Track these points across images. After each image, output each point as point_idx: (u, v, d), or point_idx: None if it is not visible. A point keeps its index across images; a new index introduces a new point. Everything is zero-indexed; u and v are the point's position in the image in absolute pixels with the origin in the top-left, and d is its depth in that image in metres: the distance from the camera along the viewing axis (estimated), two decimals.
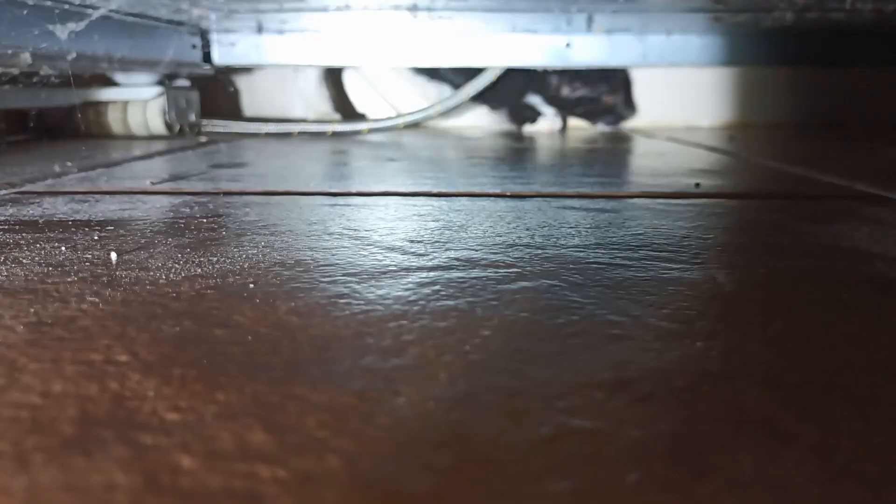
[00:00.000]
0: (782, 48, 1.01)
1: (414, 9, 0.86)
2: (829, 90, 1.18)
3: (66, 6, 0.84)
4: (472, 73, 1.13)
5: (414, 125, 1.24)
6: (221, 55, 1.20)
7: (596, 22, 0.96)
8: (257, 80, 1.48)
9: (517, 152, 0.95)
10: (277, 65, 1.18)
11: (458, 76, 1.17)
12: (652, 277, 0.34)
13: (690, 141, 1.15)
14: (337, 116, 1.38)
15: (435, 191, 0.60)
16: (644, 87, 1.32)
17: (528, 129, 1.30)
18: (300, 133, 1.15)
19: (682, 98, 1.21)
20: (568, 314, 0.29)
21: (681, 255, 0.38)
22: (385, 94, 1.38)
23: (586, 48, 1.06)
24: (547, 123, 1.31)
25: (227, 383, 0.22)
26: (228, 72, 1.45)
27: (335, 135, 1.15)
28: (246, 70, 1.46)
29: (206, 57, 1.21)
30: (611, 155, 0.93)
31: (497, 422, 0.20)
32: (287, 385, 0.22)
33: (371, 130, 1.12)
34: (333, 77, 1.34)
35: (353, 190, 0.60)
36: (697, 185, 0.62)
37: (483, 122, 1.33)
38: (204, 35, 1.17)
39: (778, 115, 1.21)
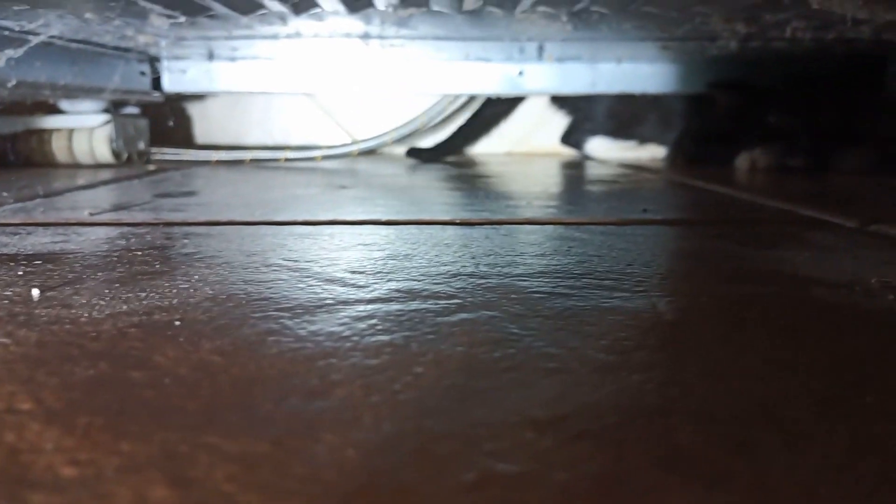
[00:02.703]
0: (727, 75, 1.04)
1: (366, 37, 0.86)
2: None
3: (6, 32, 0.81)
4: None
5: (370, 152, 1.23)
6: (172, 82, 1.18)
7: (547, 50, 0.97)
8: (210, 107, 1.46)
9: (470, 179, 0.95)
10: (230, 92, 1.17)
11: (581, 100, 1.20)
12: (593, 307, 0.33)
13: (643, 167, 1.16)
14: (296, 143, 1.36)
15: (383, 219, 0.59)
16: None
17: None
18: (252, 160, 1.13)
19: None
20: (505, 347, 0.28)
21: (623, 284, 0.37)
22: (339, 121, 1.38)
23: (539, 76, 1.07)
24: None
25: (135, 432, 0.21)
26: (180, 99, 1.43)
27: (289, 162, 1.13)
28: (198, 97, 1.44)
29: (157, 84, 1.19)
30: (564, 182, 0.94)
31: (419, 468, 0.19)
32: (199, 432, 0.21)
33: (325, 157, 1.11)
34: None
35: (300, 219, 0.59)
36: (645, 210, 0.63)
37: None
38: (154, 62, 1.15)
39: None
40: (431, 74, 1.07)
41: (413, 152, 1.29)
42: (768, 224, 0.58)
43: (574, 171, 1.10)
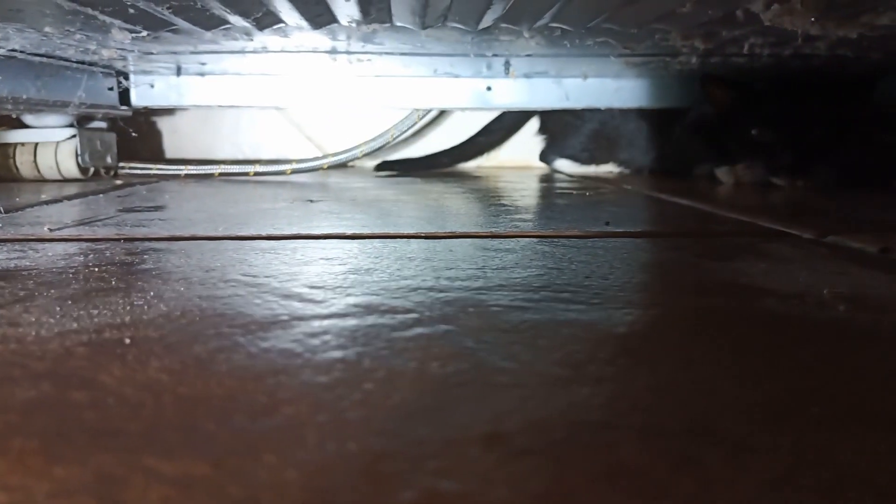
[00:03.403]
0: (691, 90, 1.05)
1: (333, 52, 0.86)
2: None
3: None
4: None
5: (341, 165, 1.23)
6: (140, 97, 1.17)
7: (513, 66, 0.98)
8: (179, 122, 1.45)
9: (439, 192, 0.95)
10: (198, 106, 1.16)
11: None
12: (549, 319, 0.33)
13: (609, 180, 1.18)
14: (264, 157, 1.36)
15: (348, 233, 0.59)
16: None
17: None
18: (221, 174, 1.12)
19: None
20: (458, 362, 0.28)
21: (579, 296, 0.38)
22: (310, 135, 1.37)
23: (507, 91, 1.08)
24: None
25: (71, 455, 0.20)
26: (149, 113, 1.42)
27: (258, 176, 1.13)
28: (167, 111, 1.43)
29: (126, 98, 1.18)
30: (531, 195, 0.95)
31: (359, 489, 0.18)
32: (138, 455, 0.20)
33: (294, 171, 1.10)
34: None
35: (263, 233, 0.58)
36: (607, 223, 0.63)
37: None
38: (121, 76, 1.14)
39: None
40: (400, 89, 1.07)
41: (384, 165, 1.30)
42: (728, 236, 0.59)
43: (542, 185, 1.11)
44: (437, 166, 1.36)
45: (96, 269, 0.45)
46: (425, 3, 0.57)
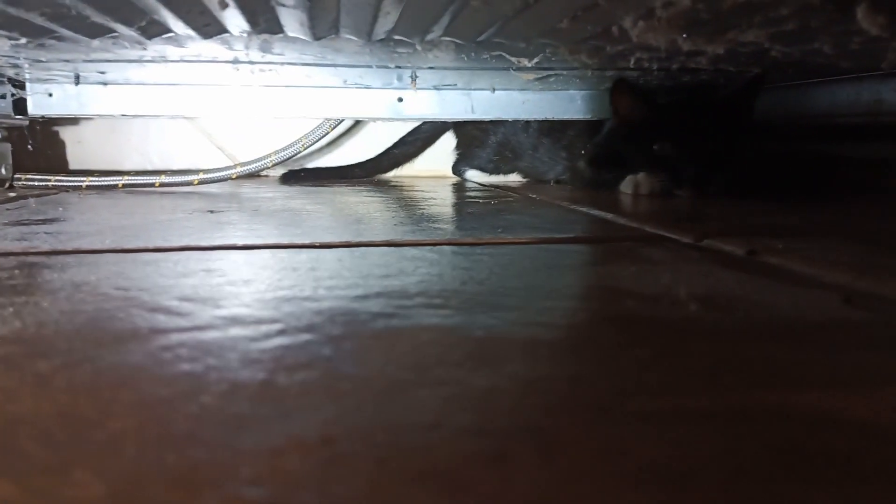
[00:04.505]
0: (596, 103, 1.09)
1: (235, 62, 0.85)
2: None
3: None
4: None
5: (252, 175, 1.21)
6: (37, 106, 1.12)
7: (420, 78, 0.99)
8: (84, 132, 1.39)
9: (348, 203, 0.95)
10: (100, 115, 1.12)
11: None
12: (413, 325, 0.34)
13: (515, 189, 1.20)
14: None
15: (239, 244, 0.58)
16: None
17: None
18: (125, 186, 1.08)
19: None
20: (308, 371, 0.28)
21: (451, 302, 0.38)
22: (221, 145, 1.35)
23: (418, 103, 1.09)
24: None
25: None
26: (49, 123, 1.36)
27: (164, 186, 1.09)
28: (71, 121, 1.37)
29: (21, 107, 1.13)
30: (437, 204, 0.96)
31: (161, 499, 0.18)
32: None
33: (202, 182, 1.08)
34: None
35: (150, 246, 0.57)
36: (500, 230, 0.65)
37: None
38: (16, 85, 1.09)
39: None
40: (310, 100, 1.07)
41: (289, 175, 1.29)
42: (613, 241, 0.61)
43: (451, 194, 1.12)
44: (350, 177, 1.36)
45: None
46: (312, 15, 0.58)
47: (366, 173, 1.38)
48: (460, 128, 1.36)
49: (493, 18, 0.59)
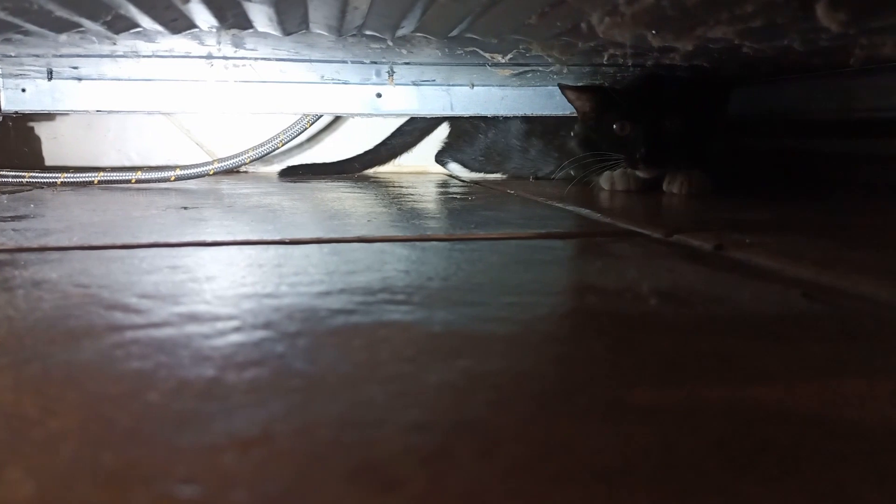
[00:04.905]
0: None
1: (209, 57, 0.84)
2: None
3: None
4: None
5: (230, 171, 1.21)
6: (9, 101, 1.10)
7: (398, 74, 0.99)
8: (60, 128, 1.38)
9: (325, 198, 0.95)
10: (76, 111, 1.11)
11: None
12: (372, 321, 0.34)
13: (497, 184, 1.20)
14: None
15: (208, 240, 0.57)
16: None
17: None
18: (100, 182, 1.07)
19: None
20: (259, 368, 0.28)
21: (413, 297, 0.38)
22: (200, 141, 1.34)
23: (397, 98, 1.09)
24: None
25: None
26: (25, 118, 1.34)
27: (141, 183, 1.09)
28: (47, 116, 1.36)
29: None
30: (415, 199, 0.95)
31: (92, 498, 0.18)
32: None
33: (179, 178, 1.07)
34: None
35: (118, 243, 0.56)
36: (474, 226, 0.65)
37: None
38: None
39: None
40: (287, 95, 1.06)
41: (287, 171, 1.30)
42: (585, 236, 0.61)
43: (430, 189, 1.12)
44: (349, 171, 1.36)
45: None
46: (279, 10, 0.57)
47: (363, 166, 1.38)
48: (455, 119, 1.34)
49: (462, 14, 0.59)
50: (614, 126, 0.93)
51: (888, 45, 0.69)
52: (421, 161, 1.43)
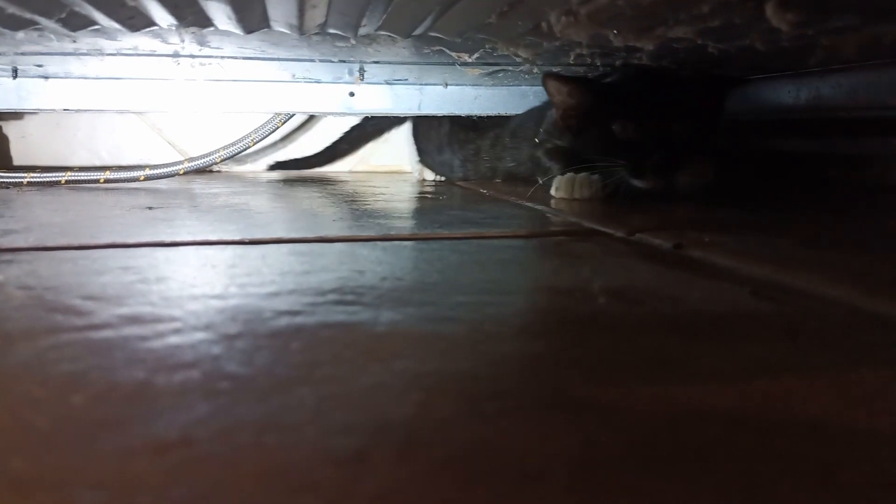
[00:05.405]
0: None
1: (176, 55, 0.83)
2: None
3: None
4: None
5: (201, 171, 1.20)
6: None
7: (370, 73, 0.99)
8: (28, 127, 1.36)
9: (296, 198, 0.94)
10: (44, 110, 1.09)
11: None
12: (317, 322, 0.34)
13: (465, 184, 1.20)
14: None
15: (167, 241, 0.57)
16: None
17: None
18: (68, 182, 1.06)
19: None
20: (190, 371, 0.27)
21: (363, 299, 0.38)
22: (172, 140, 1.33)
23: (370, 97, 1.09)
24: None
25: None
26: None
27: (110, 183, 1.07)
28: (15, 115, 1.34)
29: None
30: (385, 199, 0.95)
31: None
32: None
33: (148, 178, 1.06)
34: None
35: (75, 243, 0.56)
36: (438, 226, 0.64)
37: None
38: None
39: None
40: (258, 94, 1.05)
41: (276, 166, 1.38)
42: (547, 236, 0.61)
43: (400, 189, 1.12)
44: (334, 159, 1.40)
45: None
46: (236, 8, 0.57)
47: (349, 146, 1.41)
48: (422, 126, 1.32)
49: (422, 12, 0.59)
50: (613, 126, 0.79)
51: (849, 46, 0.69)
52: (394, 161, 1.43)
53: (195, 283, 0.42)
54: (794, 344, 0.31)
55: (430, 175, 1.30)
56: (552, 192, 0.84)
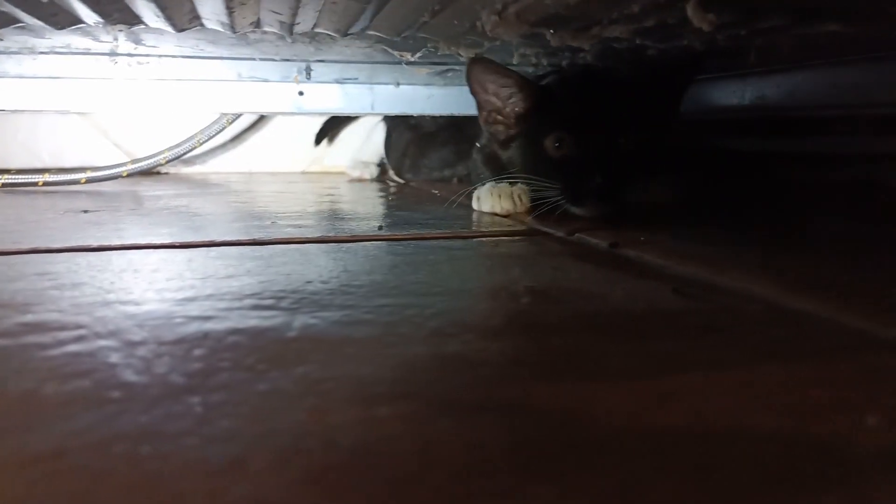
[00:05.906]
0: None
1: (112, 54, 0.81)
2: None
3: None
4: None
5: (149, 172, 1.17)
6: None
7: (317, 72, 0.97)
8: None
9: (243, 200, 0.93)
10: None
11: None
12: (227, 328, 0.33)
13: (431, 186, 1.20)
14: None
15: (94, 245, 0.55)
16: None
17: None
18: (3, 185, 1.02)
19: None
20: (82, 379, 0.26)
21: (282, 303, 0.37)
22: (117, 141, 1.29)
23: (320, 96, 1.07)
24: None
25: None
26: None
27: (49, 185, 1.04)
28: None
29: None
30: (328, 200, 0.94)
31: None
32: None
33: (91, 180, 1.03)
34: None
35: None
36: (380, 227, 0.64)
37: None
38: None
39: None
40: (203, 94, 1.03)
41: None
42: (487, 236, 0.61)
43: (352, 191, 1.11)
44: None
45: None
46: (162, 6, 0.55)
47: None
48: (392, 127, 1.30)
49: (355, 10, 0.58)
50: (546, 141, 0.66)
51: (785, 47, 0.71)
52: (339, 162, 1.42)
53: (112, 288, 0.41)
54: (704, 341, 0.31)
55: (368, 174, 1.30)
56: (473, 204, 0.74)
